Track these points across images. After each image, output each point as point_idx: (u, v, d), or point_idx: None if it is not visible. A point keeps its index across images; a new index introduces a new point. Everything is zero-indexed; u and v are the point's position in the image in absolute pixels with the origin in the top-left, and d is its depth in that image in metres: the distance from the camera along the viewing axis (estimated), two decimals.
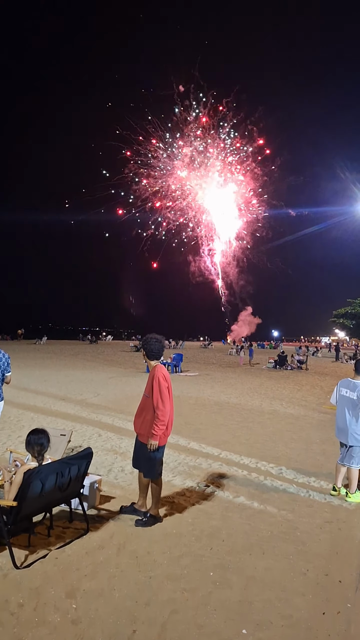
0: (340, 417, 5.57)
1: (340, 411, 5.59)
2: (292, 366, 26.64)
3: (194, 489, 5.63)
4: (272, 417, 10.86)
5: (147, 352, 4.76)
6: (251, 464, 6.82)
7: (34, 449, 4.08)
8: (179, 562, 3.82)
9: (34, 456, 4.09)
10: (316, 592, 3.47)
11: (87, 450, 4.38)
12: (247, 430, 9.30)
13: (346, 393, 5.53)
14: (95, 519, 4.62)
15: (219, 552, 4.02)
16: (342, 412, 5.53)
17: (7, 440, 7.37)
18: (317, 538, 4.39)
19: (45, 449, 4.15)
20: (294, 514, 4.95)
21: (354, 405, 5.40)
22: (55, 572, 3.57)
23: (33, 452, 4.09)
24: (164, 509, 4.89)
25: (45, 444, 4.14)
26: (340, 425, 5.54)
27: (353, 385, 5.48)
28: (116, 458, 6.83)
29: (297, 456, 7.35)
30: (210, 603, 3.27)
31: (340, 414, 5.58)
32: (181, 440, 8.08)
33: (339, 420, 5.58)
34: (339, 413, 5.60)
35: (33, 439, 4.12)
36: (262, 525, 4.62)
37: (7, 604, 3.16)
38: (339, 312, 63.69)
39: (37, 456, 4.09)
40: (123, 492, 5.43)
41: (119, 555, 3.88)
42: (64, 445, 5.56)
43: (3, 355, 5.55)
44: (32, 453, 4.10)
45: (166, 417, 4.51)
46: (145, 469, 4.67)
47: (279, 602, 3.32)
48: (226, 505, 5.15)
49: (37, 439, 4.11)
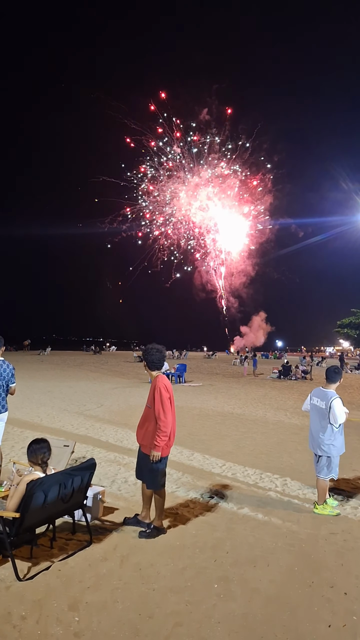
0: (311, 426, 5.50)
1: (311, 420, 5.52)
2: (297, 376, 26.53)
3: (197, 500, 5.59)
4: (277, 428, 10.80)
5: (148, 363, 4.76)
6: (255, 475, 6.78)
7: (38, 458, 4.08)
8: (183, 574, 3.79)
9: (38, 464, 4.08)
10: (321, 604, 3.43)
11: (90, 461, 4.38)
12: (251, 440, 9.25)
13: (317, 402, 5.41)
14: (98, 530, 4.59)
15: (223, 564, 3.98)
16: (313, 422, 5.46)
17: (10, 452, 7.36)
18: (322, 550, 4.35)
19: (48, 457, 4.16)
20: (299, 526, 4.91)
21: (323, 415, 5.29)
22: (57, 584, 3.55)
23: (37, 461, 4.09)
24: (168, 521, 4.86)
25: (47, 453, 4.15)
26: (312, 434, 5.47)
27: (323, 394, 5.38)
28: (119, 469, 6.81)
29: (302, 467, 7.30)
30: (214, 616, 3.24)
31: (311, 423, 5.51)
32: (185, 451, 8.05)
33: (311, 429, 5.50)
34: (311, 422, 5.52)
35: (37, 447, 4.12)
36: (266, 537, 4.58)
37: (10, 616, 3.14)
38: (343, 322, 63.66)
39: (42, 464, 4.08)
40: (126, 503, 5.40)
41: (122, 567, 3.85)
42: (67, 456, 5.54)
43: (7, 366, 5.57)
44: (36, 461, 4.09)
45: (168, 427, 4.50)
46: (148, 480, 4.65)
47: (283, 614, 3.28)
48: (230, 516, 5.12)
49: (40, 447, 4.12)
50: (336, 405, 5.17)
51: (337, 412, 5.15)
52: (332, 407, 5.16)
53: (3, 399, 5.51)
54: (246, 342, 64.67)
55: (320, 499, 5.35)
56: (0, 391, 5.47)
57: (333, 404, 5.17)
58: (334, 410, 5.15)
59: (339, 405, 5.18)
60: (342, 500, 5.72)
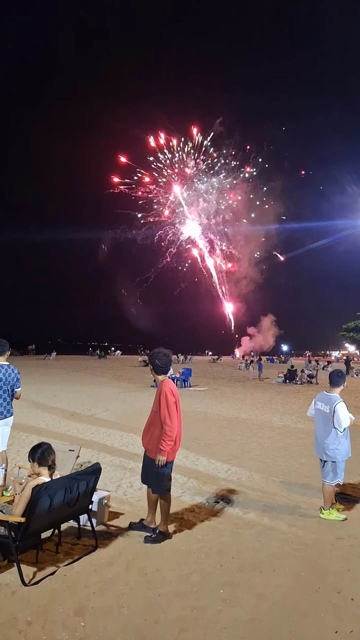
0: (316, 431, 5.47)
1: (316, 425, 5.49)
2: (302, 380, 26.43)
3: (203, 505, 5.57)
4: (283, 432, 10.76)
5: (154, 367, 4.76)
6: (261, 480, 6.75)
7: (49, 459, 4.09)
8: (189, 579, 3.77)
9: (48, 465, 4.09)
10: (328, 610, 3.41)
11: (95, 465, 4.38)
12: (257, 445, 9.22)
13: (321, 407, 5.38)
14: (103, 535, 4.59)
15: (229, 569, 3.97)
16: (318, 426, 5.43)
17: (15, 456, 7.37)
18: (328, 555, 4.32)
19: (54, 457, 4.18)
20: (305, 531, 4.88)
21: (327, 420, 5.26)
22: (63, 589, 3.54)
23: (48, 462, 4.09)
24: (173, 526, 4.85)
25: (53, 453, 4.19)
26: (317, 439, 5.44)
27: (327, 398, 5.34)
28: (125, 474, 6.80)
29: (308, 472, 7.26)
30: (220, 621, 3.22)
31: (316, 428, 5.48)
32: (190, 456, 8.03)
33: (316, 434, 5.47)
34: (316, 427, 5.49)
35: (45, 449, 4.13)
36: (272, 542, 4.56)
37: (16, 621, 3.13)
38: (348, 326, 63.39)
39: (52, 464, 4.10)
40: (132, 508, 5.40)
41: (128, 573, 3.84)
42: (73, 460, 5.54)
43: (12, 371, 5.58)
44: (47, 463, 4.09)
45: (174, 432, 4.50)
46: (153, 484, 4.64)
47: (290, 620, 3.26)
48: (236, 521, 5.09)
49: (47, 449, 4.15)
50: (340, 409, 5.14)
51: (341, 416, 5.12)
52: (336, 411, 5.13)
53: (8, 404, 5.52)
54: (255, 345, 64.39)
55: (326, 503, 5.31)
56: (6, 396, 5.48)
57: (337, 408, 5.14)
58: (337, 414, 5.12)
59: (343, 409, 5.16)
60: (348, 505, 5.68)
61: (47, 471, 4.08)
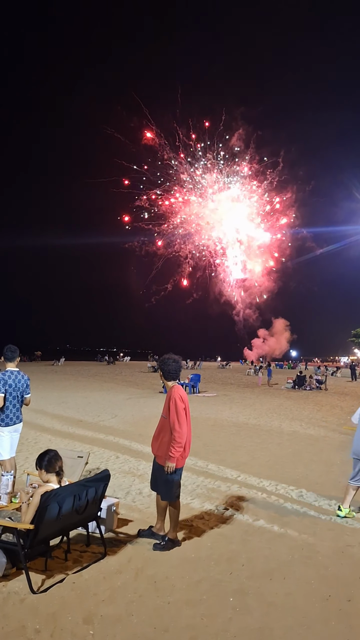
0: (357, 432, 5.51)
1: (357, 427, 5.56)
2: (311, 386, 26.28)
3: (212, 512, 5.54)
4: (292, 438, 10.70)
5: (164, 373, 4.76)
6: (271, 487, 6.70)
7: (57, 466, 4.10)
8: (198, 587, 3.75)
9: (56, 472, 4.09)
10: (339, 618, 3.36)
11: (104, 472, 4.37)
12: (266, 451, 9.17)
13: None
14: (112, 542, 4.58)
15: (239, 577, 3.93)
16: (358, 428, 5.52)
17: (24, 463, 7.39)
18: (339, 562, 4.27)
19: (62, 463, 4.19)
20: (315, 538, 4.83)
21: None
22: (72, 597, 3.53)
23: (55, 469, 4.10)
24: (183, 533, 4.82)
25: (60, 460, 4.20)
26: (356, 440, 5.48)
27: None
28: (134, 480, 6.79)
29: (318, 478, 7.21)
30: (230, 629, 3.19)
31: (357, 429, 5.53)
32: (199, 462, 8.00)
33: (356, 435, 5.51)
34: (357, 429, 5.55)
35: (52, 456, 4.14)
36: (282, 549, 4.52)
37: (24, 629, 3.13)
38: (357, 332, 63.02)
39: (59, 470, 4.11)
40: (141, 515, 5.38)
41: (137, 580, 3.83)
42: (82, 467, 5.54)
43: (22, 377, 5.61)
44: (54, 470, 4.10)
45: (183, 438, 4.48)
46: (163, 491, 4.63)
47: (300, 628, 3.23)
48: (246, 528, 5.06)
49: (54, 456, 4.16)
50: None
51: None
52: None
53: (18, 410, 5.55)
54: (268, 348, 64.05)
55: (345, 502, 5.44)
56: (15, 402, 5.50)
57: None
58: None
59: None
60: None
61: (55, 478, 4.08)
